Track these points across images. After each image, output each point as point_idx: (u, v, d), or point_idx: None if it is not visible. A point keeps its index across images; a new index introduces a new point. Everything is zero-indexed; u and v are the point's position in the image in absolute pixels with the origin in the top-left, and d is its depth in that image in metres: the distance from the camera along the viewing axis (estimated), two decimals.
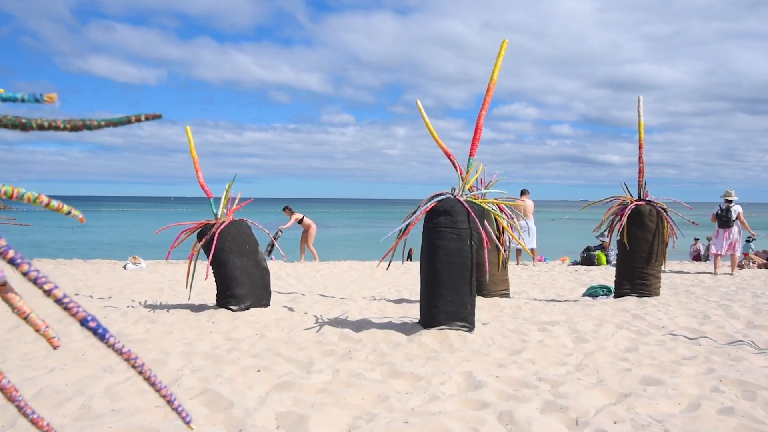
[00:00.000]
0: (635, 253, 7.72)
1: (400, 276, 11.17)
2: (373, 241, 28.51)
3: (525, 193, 14.16)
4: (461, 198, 5.44)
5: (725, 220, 11.86)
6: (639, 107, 8.11)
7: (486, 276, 5.92)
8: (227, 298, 6.41)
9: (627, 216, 7.72)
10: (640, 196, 8.04)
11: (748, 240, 16.00)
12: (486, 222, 5.63)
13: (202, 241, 6.51)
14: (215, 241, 6.36)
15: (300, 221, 14.85)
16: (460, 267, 5.22)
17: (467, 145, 5.70)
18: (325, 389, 3.68)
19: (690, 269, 13.18)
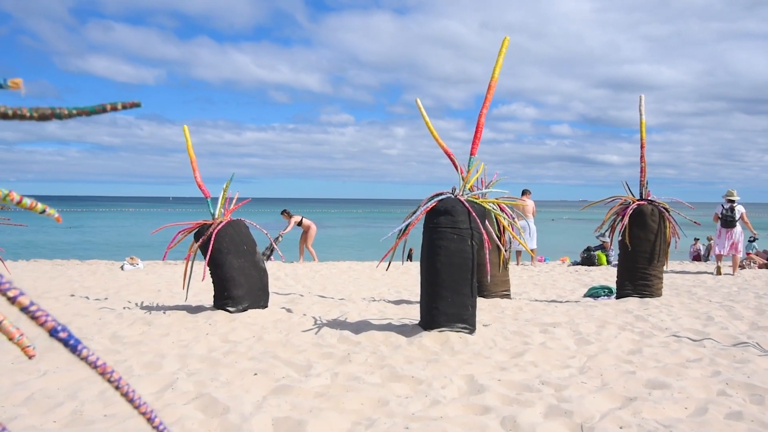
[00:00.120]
0: (637, 254, 7.64)
1: (399, 276, 11.08)
2: (373, 242, 28.43)
3: (526, 194, 14.10)
4: (462, 197, 5.35)
5: (730, 220, 11.79)
6: (641, 106, 8.03)
7: (487, 277, 5.84)
8: (224, 299, 6.32)
9: (629, 216, 7.64)
10: (642, 195, 7.94)
11: (751, 240, 15.93)
12: (487, 222, 5.55)
13: (199, 242, 6.43)
14: (212, 242, 6.28)
15: (299, 223, 14.76)
16: (460, 268, 5.14)
17: (467, 145, 5.63)
18: (324, 393, 3.59)
19: (690, 269, 13.12)
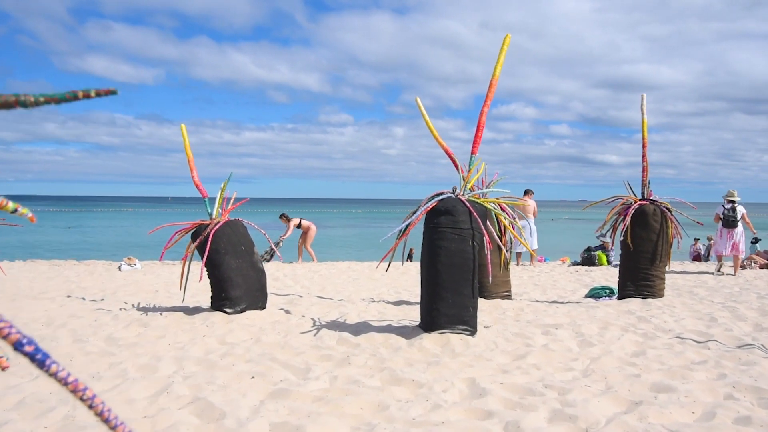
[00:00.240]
0: (639, 254, 7.56)
1: (399, 277, 11.00)
2: (372, 242, 28.35)
3: (529, 194, 14.02)
4: (463, 197, 5.27)
5: (731, 220, 11.72)
6: (642, 105, 7.95)
7: (488, 277, 5.76)
8: (222, 300, 6.24)
9: (631, 216, 7.57)
10: (644, 195, 7.87)
11: (754, 241, 15.88)
12: (488, 222, 5.47)
13: (196, 242, 6.34)
14: (209, 242, 6.19)
15: (298, 225, 14.68)
16: (461, 268, 5.06)
17: (466, 145, 5.55)
18: (322, 397, 3.51)
19: (691, 269, 13.05)
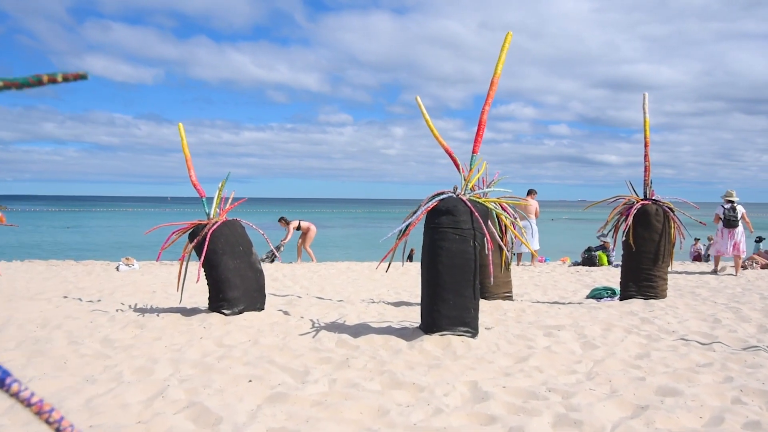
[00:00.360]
0: (641, 254, 7.48)
1: (399, 277, 10.92)
2: (372, 242, 28.27)
3: (532, 194, 13.93)
4: (464, 197, 5.19)
5: (732, 220, 11.67)
6: (644, 104, 7.88)
7: (490, 278, 5.68)
8: (220, 301, 6.15)
9: (633, 216, 7.49)
10: (646, 195, 7.79)
11: (757, 241, 15.80)
12: (489, 222, 5.39)
13: (193, 242, 6.26)
14: (207, 242, 6.11)
15: (298, 228, 14.62)
16: (462, 269, 4.98)
17: (465, 145, 5.48)
18: (321, 402, 3.43)
19: (692, 269, 12.97)
